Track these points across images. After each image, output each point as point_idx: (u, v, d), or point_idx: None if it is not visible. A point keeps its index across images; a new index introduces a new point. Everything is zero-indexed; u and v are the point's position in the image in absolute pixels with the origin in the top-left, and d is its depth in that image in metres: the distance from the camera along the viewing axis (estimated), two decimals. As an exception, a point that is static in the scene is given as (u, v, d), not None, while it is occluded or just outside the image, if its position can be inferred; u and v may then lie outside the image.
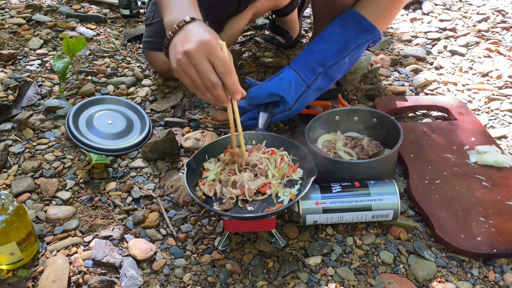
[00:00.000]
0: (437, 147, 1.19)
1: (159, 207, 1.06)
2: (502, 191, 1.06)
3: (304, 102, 1.17)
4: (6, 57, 1.55)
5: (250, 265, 0.94)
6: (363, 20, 1.16)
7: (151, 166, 1.18)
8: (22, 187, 1.10)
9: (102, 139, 1.23)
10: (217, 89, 0.84)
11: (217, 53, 0.83)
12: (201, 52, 0.83)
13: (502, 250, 0.93)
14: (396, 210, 0.96)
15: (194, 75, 0.85)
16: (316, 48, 1.17)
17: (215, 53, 0.83)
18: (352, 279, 0.91)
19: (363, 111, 1.18)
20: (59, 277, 0.88)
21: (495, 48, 1.69)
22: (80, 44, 1.40)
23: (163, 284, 0.90)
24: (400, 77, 1.55)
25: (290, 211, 0.97)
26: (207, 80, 0.84)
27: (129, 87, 1.48)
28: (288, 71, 1.15)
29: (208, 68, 0.83)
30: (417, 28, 1.86)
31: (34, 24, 1.77)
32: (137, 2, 1.89)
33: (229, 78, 0.84)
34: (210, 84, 0.84)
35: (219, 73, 0.84)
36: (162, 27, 1.39)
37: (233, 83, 0.85)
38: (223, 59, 0.83)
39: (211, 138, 1.23)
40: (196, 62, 0.83)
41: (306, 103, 1.18)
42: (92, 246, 0.96)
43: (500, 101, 1.42)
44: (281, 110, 1.15)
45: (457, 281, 0.91)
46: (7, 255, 0.89)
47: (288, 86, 1.13)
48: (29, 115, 1.30)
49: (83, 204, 1.07)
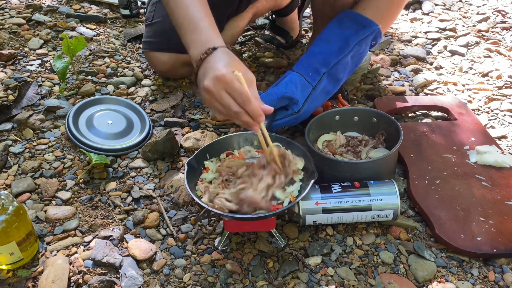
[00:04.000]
0: (437, 147, 1.19)
1: (159, 207, 1.06)
2: (502, 191, 1.06)
3: (311, 105, 1.15)
4: (6, 57, 1.55)
5: (250, 265, 0.94)
6: (360, 17, 1.16)
7: (151, 166, 1.18)
8: (22, 187, 1.10)
9: (102, 139, 1.23)
10: (242, 117, 0.89)
11: (233, 85, 0.87)
12: (218, 87, 0.88)
13: (502, 250, 0.93)
14: (396, 210, 0.96)
15: (219, 107, 0.90)
16: (317, 50, 1.17)
17: (231, 87, 0.87)
18: (352, 279, 0.91)
19: (363, 111, 1.18)
20: (59, 277, 0.88)
21: (495, 48, 1.69)
22: (80, 44, 1.40)
23: (163, 284, 0.90)
24: (400, 77, 1.55)
25: (290, 211, 0.97)
26: (230, 111, 0.89)
27: (129, 87, 1.48)
28: (292, 74, 1.15)
29: (228, 101, 0.88)
30: (417, 28, 1.86)
31: (34, 24, 1.77)
32: (137, 2, 1.89)
33: (248, 106, 0.88)
34: (234, 113, 0.89)
35: (239, 103, 0.88)
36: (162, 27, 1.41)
37: (253, 110, 0.88)
38: (239, 90, 0.87)
39: (211, 138, 1.23)
40: (216, 96, 0.89)
41: (314, 106, 1.16)
42: (92, 246, 0.96)
43: (500, 101, 1.42)
44: (289, 113, 1.13)
45: (457, 281, 0.91)
46: (7, 255, 0.89)
47: (295, 88, 1.12)
48: (29, 115, 1.30)
49: (83, 204, 1.07)
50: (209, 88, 0.88)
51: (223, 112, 0.91)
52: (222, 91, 0.88)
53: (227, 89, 0.88)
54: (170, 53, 1.40)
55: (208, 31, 0.98)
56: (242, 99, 0.88)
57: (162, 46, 1.41)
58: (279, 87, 1.13)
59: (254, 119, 0.90)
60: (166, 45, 1.40)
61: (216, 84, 0.88)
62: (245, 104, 0.88)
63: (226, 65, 0.89)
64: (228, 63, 0.90)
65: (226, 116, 0.93)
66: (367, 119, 1.17)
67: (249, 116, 0.89)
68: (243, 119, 0.90)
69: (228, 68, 0.89)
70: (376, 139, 1.16)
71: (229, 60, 0.91)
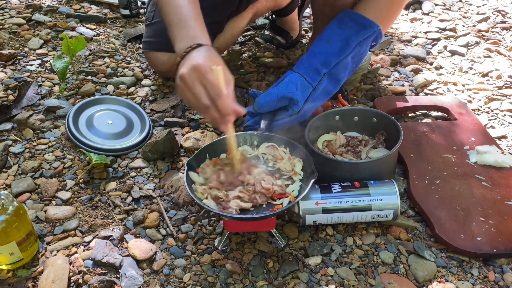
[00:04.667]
0: (437, 147, 1.19)
1: (159, 207, 1.06)
2: (502, 191, 1.06)
3: (312, 105, 1.15)
4: (6, 57, 1.55)
5: (250, 265, 0.94)
6: (361, 18, 1.16)
7: (151, 166, 1.18)
8: (22, 187, 1.10)
9: (102, 139, 1.23)
10: (210, 111, 0.88)
11: (208, 77, 0.87)
12: (193, 76, 0.87)
13: (502, 250, 0.93)
14: (396, 210, 0.96)
15: (191, 97, 0.90)
16: (318, 50, 1.17)
17: (206, 77, 0.87)
18: (352, 279, 0.91)
19: (363, 111, 1.18)
20: (59, 277, 0.88)
21: (495, 48, 1.69)
22: (80, 44, 1.40)
23: (163, 284, 0.90)
24: (400, 77, 1.55)
25: (290, 211, 0.97)
26: (200, 103, 0.88)
27: (129, 87, 1.48)
28: (293, 74, 1.15)
29: (200, 91, 0.88)
30: (417, 28, 1.86)
31: (34, 24, 1.77)
32: (137, 2, 1.89)
33: (219, 101, 0.87)
34: (203, 106, 0.88)
35: (210, 96, 0.87)
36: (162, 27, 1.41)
37: (223, 106, 0.87)
38: (212, 83, 0.87)
39: (211, 138, 1.23)
40: (189, 86, 0.88)
41: (314, 106, 1.16)
42: (92, 246, 0.96)
43: (500, 101, 1.42)
44: (290, 114, 1.13)
45: (457, 281, 0.91)
46: (7, 255, 0.89)
47: (296, 89, 1.12)
48: (29, 115, 1.30)
49: (83, 204, 1.07)
50: (183, 76, 0.88)
51: (193, 103, 0.90)
52: (195, 81, 0.87)
53: (202, 79, 0.87)
54: (170, 53, 1.40)
55: (196, 29, 0.98)
56: (214, 92, 0.87)
57: (162, 46, 1.41)
58: (280, 87, 1.12)
59: (222, 116, 0.89)
60: (166, 45, 1.39)
61: (192, 73, 0.87)
62: (216, 98, 0.87)
63: (205, 58, 0.90)
64: (209, 57, 0.90)
65: (196, 109, 0.92)
66: (367, 119, 1.17)
67: (218, 112, 0.88)
68: (212, 114, 0.88)
69: (207, 61, 0.89)
70: (376, 139, 1.16)
71: (211, 55, 0.92)
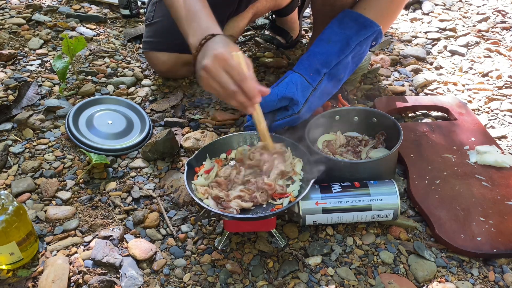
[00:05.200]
0: (437, 147, 1.19)
1: (159, 207, 1.06)
2: (502, 191, 1.06)
3: (312, 105, 1.15)
4: (6, 57, 1.55)
5: (250, 265, 0.94)
6: (361, 17, 1.16)
7: (151, 166, 1.18)
8: (22, 187, 1.10)
9: (102, 139, 1.23)
10: (238, 96, 0.91)
11: (231, 63, 0.90)
12: (217, 65, 0.90)
13: (502, 250, 0.93)
14: (396, 210, 0.96)
15: (217, 86, 0.92)
16: (318, 50, 1.17)
17: (229, 64, 0.90)
18: (352, 279, 0.91)
19: (363, 111, 1.18)
20: (59, 277, 0.88)
21: (495, 48, 1.69)
22: (80, 44, 1.40)
23: (163, 284, 0.90)
24: (400, 77, 1.55)
25: (290, 211, 0.97)
26: (227, 90, 0.91)
27: (129, 87, 1.48)
28: (293, 74, 1.15)
29: (225, 79, 0.90)
30: (417, 28, 1.86)
31: (34, 24, 1.77)
32: (137, 2, 1.89)
33: (245, 84, 0.90)
34: (231, 92, 0.91)
35: (236, 81, 0.90)
36: (162, 27, 1.41)
37: (249, 88, 0.90)
38: (236, 68, 0.90)
39: (211, 138, 1.23)
40: (214, 75, 0.91)
41: (314, 106, 1.17)
42: (92, 246, 0.96)
43: (500, 101, 1.42)
44: (290, 114, 1.14)
45: (457, 281, 0.91)
46: (7, 255, 0.89)
47: (296, 89, 1.12)
48: (29, 115, 1.30)
49: (83, 204, 1.07)
50: (207, 66, 0.90)
51: (220, 92, 0.92)
52: (220, 69, 0.90)
53: (225, 66, 0.90)
54: (170, 53, 1.40)
55: (207, 20, 1.01)
56: (240, 76, 0.89)
57: (162, 46, 1.41)
58: (280, 87, 1.12)
59: (250, 99, 0.91)
60: (166, 45, 1.40)
61: (215, 62, 0.90)
62: (242, 81, 0.89)
63: (225, 46, 0.92)
64: (227, 45, 0.93)
65: (223, 97, 0.94)
66: (367, 119, 1.17)
67: (245, 97, 0.91)
68: (239, 99, 0.91)
69: (226, 48, 0.91)
70: (376, 139, 1.16)
71: (228, 43, 0.94)
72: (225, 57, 0.89)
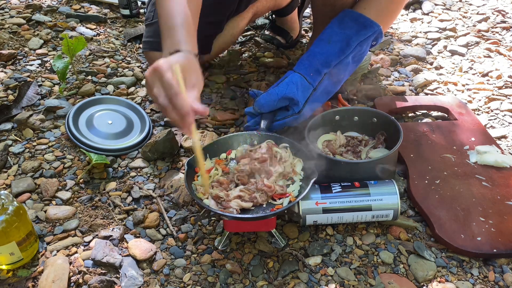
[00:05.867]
0: (437, 147, 1.19)
1: (159, 207, 1.06)
2: (502, 191, 1.06)
3: (312, 106, 1.15)
4: (6, 57, 1.55)
5: (250, 265, 0.94)
6: (361, 17, 1.16)
7: (151, 166, 1.18)
8: (22, 187, 1.10)
9: (102, 139, 1.23)
10: (169, 112, 0.85)
11: (165, 76, 0.84)
12: (153, 77, 0.86)
13: (502, 250, 0.93)
14: (396, 210, 0.96)
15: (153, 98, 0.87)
16: (318, 50, 1.17)
17: (163, 77, 0.84)
18: (352, 279, 0.91)
19: (363, 111, 1.18)
20: (59, 277, 0.88)
21: (495, 48, 1.69)
22: (80, 44, 1.40)
23: (163, 284, 0.90)
24: (400, 77, 1.55)
25: (290, 211, 0.97)
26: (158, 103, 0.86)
27: (129, 87, 1.48)
28: (293, 74, 1.15)
29: (158, 91, 0.85)
30: (417, 28, 1.86)
31: (34, 24, 1.77)
32: (137, 2, 1.89)
33: (175, 100, 0.83)
34: (161, 106, 0.85)
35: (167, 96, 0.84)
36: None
37: (180, 106, 0.83)
38: (168, 82, 0.83)
39: (211, 138, 1.23)
40: (149, 86, 0.87)
41: (315, 106, 1.16)
42: (92, 246, 0.96)
43: (500, 101, 1.42)
44: (290, 114, 1.13)
45: (457, 281, 0.91)
46: (7, 255, 0.89)
47: (296, 89, 1.12)
48: (29, 115, 1.30)
49: (83, 204, 1.07)
50: (146, 77, 0.88)
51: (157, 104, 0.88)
52: (155, 81, 0.85)
53: (160, 79, 0.85)
54: (169, 53, 1.40)
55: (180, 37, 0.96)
56: (170, 91, 0.83)
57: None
58: (280, 87, 1.12)
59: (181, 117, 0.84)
60: (166, 45, 1.40)
61: (152, 73, 0.86)
62: (172, 97, 0.83)
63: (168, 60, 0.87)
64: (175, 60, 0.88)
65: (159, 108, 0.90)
66: (367, 119, 1.17)
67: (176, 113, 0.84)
68: (171, 115, 0.85)
69: (167, 62, 0.86)
70: (376, 139, 1.16)
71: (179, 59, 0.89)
72: (160, 69, 0.84)
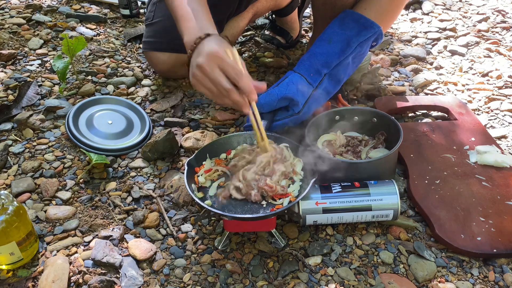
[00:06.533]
0: (437, 147, 1.19)
1: (159, 207, 1.06)
2: (502, 191, 1.06)
3: (312, 106, 1.15)
4: (6, 57, 1.55)
5: (250, 265, 0.94)
6: (362, 18, 1.16)
7: (151, 166, 1.18)
8: (22, 187, 1.10)
9: (102, 139, 1.23)
10: (232, 94, 0.89)
11: (226, 60, 0.88)
12: (211, 62, 0.89)
13: (502, 250, 0.93)
14: (396, 210, 0.96)
15: (209, 85, 0.90)
16: (319, 51, 1.17)
17: (224, 61, 0.88)
18: (352, 279, 0.91)
19: (363, 111, 1.18)
20: (59, 277, 0.88)
21: (495, 48, 1.69)
22: (80, 44, 1.40)
23: (163, 284, 0.90)
24: (400, 77, 1.55)
25: (290, 211, 0.97)
26: (221, 87, 0.89)
27: (129, 87, 1.48)
28: (293, 74, 1.15)
29: (219, 76, 0.88)
30: (417, 28, 1.86)
31: (34, 24, 1.77)
32: (137, 2, 1.89)
33: (241, 80, 0.88)
34: (224, 90, 0.89)
35: (231, 78, 0.88)
36: (162, 27, 1.41)
37: (246, 85, 0.88)
38: (232, 65, 0.88)
39: (211, 138, 1.23)
40: (207, 72, 0.89)
41: (315, 107, 1.16)
42: (92, 246, 0.96)
43: (500, 101, 1.42)
44: (290, 114, 1.13)
45: (457, 281, 0.91)
46: (7, 255, 0.89)
47: (296, 89, 1.12)
48: (29, 115, 1.30)
49: (83, 204, 1.07)
50: (201, 65, 0.89)
51: (213, 90, 0.91)
52: (214, 67, 0.88)
53: (220, 64, 0.88)
54: (170, 52, 1.40)
55: (203, 20, 0.99)
56: (235, 72, 0.87)
57: (162, 45, 1.41)
58: (280, 87, 1.12)
59: (246, 95, 0.89)
60: (166, 45, 1.40)
61: (209, 59, 0.88)
62: (238, 78, 0.87)
63: (219, 45, 0.91)
64: (221, 44, 0.92)
65: (216, 96, 0.92)
66: (367, 119, 1.17)
67: (239, 95, 0.89)
68: (234, 98, 0.89)
69: (221, 47, 0.90)
70: (376, 139, 1.16)
71: (222, 42, 0.93)
72: (220, 55, 0.88)
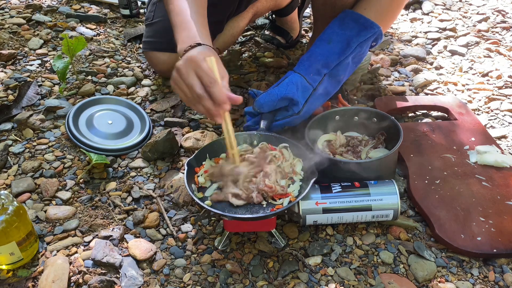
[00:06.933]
0: (437, 147, 1.19)
1: (159, 207, 1.06)
2: (502, 191, 1.06)
3: (312, 106, 1.15)
4: (6, 57, 1.55)
5: (250, 265, 0.94)
6: (362, 18, 1.16)
7: (151, 166, 1.18)
8: (22, 187, 1.10)
9: (102, 139, 1.23)
10: (204, 101, 0.88)
11: (202, 66, 0.88)
12: (188, 66, 0.89)
13: (502, 250, 0.93)
14: (396, 210, 0.96)
15: (185, 88, 0.91)
16: (319, 51, 1.17)
17: (200, 66, 0.88)
18: (352, 279, 0.91)
19: (363, 111, 1.18)
20: (59, 277, 0.88)
21: (495, 48, 1.69)
22: (80, 44, 1.40)
23: (163, 284, 0.90)
24: (400, 77, 1.56)
25: (290, 211, 0.97)
26: (193, 92, 0.89)
27: (129, 87, 1.48)
28: (293, 74, 1.15)
29: (193, 80, 0.89)
30: (417, 28, 1.86)
31: (34, 24, 1.77)
32: (137, 2, 1.89)
33: (213, 88, 0.88)
34: (196, 95, 0.89)
35: (204, 84, 0.88)
36: (162, 27, 1.41)
37: (218, 94, 0.88)
38: (206, 71, 0.88)
39: (211, 138, 1.23)
40: (184, 76, 0.90)
41: (314, 107, 1.16)
42: (92, 246, 0.96)
43: (500, 101, 1.42)
44: (290, 114, 1.13)
45: (457, 281, 0.91)
46: (7, 255, 0.89)
47: (296, 89, 1.12)
48: (29, 115, 1.30)
49: (83, 204, 1.07)
50: (179, 68, 0.90)
51: (187, 94, 0.91)
52: (190, 71, 0.89)
53: (196, 68, 0.89)
54: (170, 52, 1.40)
55: (197, 30, 1.00)
56: (208, 79, 0.88)
57: (162, 45, 1.41)
58: (280, 87, 1.12)
59: (218, 104, 0.88)
60: (166, 45, 1.40)
61: (187, 63, 0.89)
62: (210, 85, 0.87)
63: (201, 52, 0.92)
64: (204, 51, 0.92)
65: (189, 101, 0.92)
66: (367, 119, 1.17)
67: (212, 103, 0.88)
68: (206, 104, 0.88)
69: (202, 54, 0.91)
70: (376, 139, 1.16)
71: (208, 50, 0.94)
72: (197, 59, 0.89)
